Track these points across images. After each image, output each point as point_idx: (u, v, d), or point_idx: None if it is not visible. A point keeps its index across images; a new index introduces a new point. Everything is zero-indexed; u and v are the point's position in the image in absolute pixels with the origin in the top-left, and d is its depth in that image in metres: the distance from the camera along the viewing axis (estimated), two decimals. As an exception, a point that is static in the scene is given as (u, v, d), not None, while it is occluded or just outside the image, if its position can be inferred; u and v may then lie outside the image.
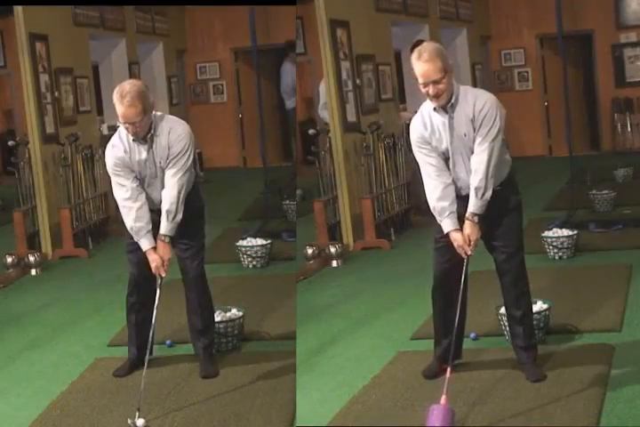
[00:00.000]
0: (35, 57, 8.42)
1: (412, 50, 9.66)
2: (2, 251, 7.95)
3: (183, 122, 4.86)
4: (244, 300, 6.22)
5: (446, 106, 4.41)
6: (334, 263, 7.67)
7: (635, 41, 13.87)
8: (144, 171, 4.76)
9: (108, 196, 9.24)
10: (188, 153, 4.77)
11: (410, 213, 9.05)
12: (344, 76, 8.39)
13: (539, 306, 5.18)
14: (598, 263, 7.11)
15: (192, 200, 4.87)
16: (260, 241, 7.64)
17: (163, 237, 4.72)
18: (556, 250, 7.27)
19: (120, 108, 4.55)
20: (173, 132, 4.74)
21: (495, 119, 4.39)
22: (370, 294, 6.67)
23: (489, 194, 4.42)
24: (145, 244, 4.74)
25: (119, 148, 4.75)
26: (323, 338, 5.61)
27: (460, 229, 4.47)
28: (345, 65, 8.42)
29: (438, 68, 4.33)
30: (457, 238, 4.45)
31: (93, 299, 6.80)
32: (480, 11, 13.58)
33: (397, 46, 10.21)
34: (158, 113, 4.77)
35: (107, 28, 10.99)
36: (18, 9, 8.22)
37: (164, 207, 4.71)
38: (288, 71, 11.17)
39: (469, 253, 4.46)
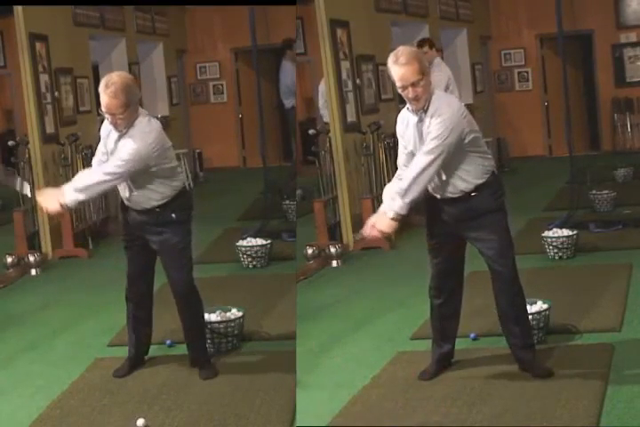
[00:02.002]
0: (35, 57, 8.42)
1: (418, 47, 9.71)
2: (2, 251, 7.95)
3: (147, 134, 4.64)
4: (244, 300, 6.22)
5: (420, 110, 4.43)
6: (334, 263, 7.67)
7: (635, 41, 13.87)
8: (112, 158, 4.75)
9: (108, 196, 9.23)
10: (127, 161, 4.61)
11: (410, 213, 9.03)
12: (344, 76, 8.39)
13: (539, 306, 5.18)
14: (598, 263, 7.10)
15: (159, 212, 4.80)
16: (259, 241, 7.64)
17: (62, 201, 4.69)
18: (556, 250, 7.27)
19: (103, 98, 4.56)
20: (130, 141, 4.61)
21: (441, 134, 4.35)
22: (370, 294, 6.67)
23: (410, 198, 4.45)
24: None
25: (105, 127, 4.80)
26: (323, 338, 5.61)
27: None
28: (345, 65, 8.43)
29: (416, 71, 4.36)
30: (370, 219, 4.58)
31: (93, 299, 6.80)
32: (480, 11, 13.58)
33: (397, 46, 10.19)
34: (142, 115, 4.68)
35: (107, 28, 10.99)
36: (18, 9, 8.22)
37: (82, 179, 4.71)
38: (287, 70, 11.09)
39: (364, 233, 4.57)
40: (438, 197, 4.59)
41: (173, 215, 4.80)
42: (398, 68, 4.37)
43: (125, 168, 4.62)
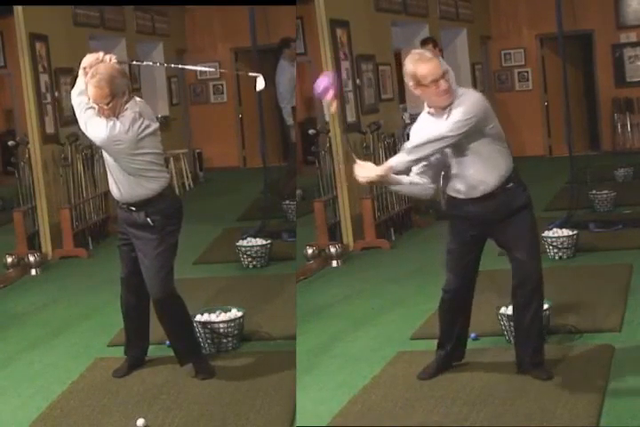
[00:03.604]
0: (35, 57, 8.42)
1: (422, 46, 9.69)
2: (2, 251, 7.94)
3: (121, 128, 4.58)
4: (244, 300, 6.22)
5: (448, 107, 4.42)
6: (334, 263, 7.67)
7: (635, 41, 13.88)
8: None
9: (108, 196, 9.23)
10: (86, 133, 4.69)
11: (410, 213, 9.05)
12: (344, 76, 8.39)
13: (539, 306, 5.18)
14: (598, 263, 7.11)
15: (133, 212, 4.77)
16: (260, 241, 7.63)
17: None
18: (555, 250, 7.27)
19: (89, 88, 4.58)
20: (102, 124, 4.60)
21: (461, 119, 4.34)
22: (370, 294, 6.67)
23: (415, 157, 4.38)
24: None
25: None
26: (323, 338, 5.61)
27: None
28: (345, 65, 8.42)
29: (440, 64, 4.43)
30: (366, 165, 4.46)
31: (93, 299, 6.80)
32: (480, 11, 13.58)
33: (397, 46, 10.21)
34: (131, 110, 4.63)
35: (107, 28, 11.00)
36: (18, 9, 8.21)
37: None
38: (284, 70, 10.92)
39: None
40: (466, 196, 4.51)
41: (148, 219, 4.74)
42: (425, 64, 4.38)
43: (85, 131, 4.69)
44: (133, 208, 4.77)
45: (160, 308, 4.88)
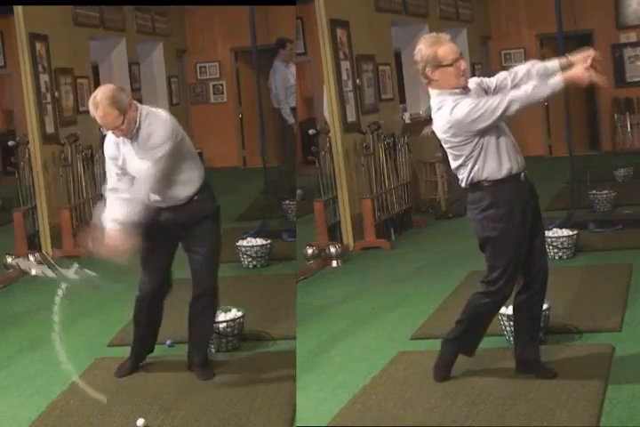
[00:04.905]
0: (35, 57, 8.42)
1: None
2: (2, 251, 7.95)
3: (165, 122, 4.68)
4: (244, 300, 6.22)
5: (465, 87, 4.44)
6: (334, 263, 7.67)
7: (635, 41, 13.88)
8: (131, 167, 4.69)
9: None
10: (162, 146, 4.61)
11: (410, 213, 9.06)
12: (344, 76, 8.39)
13: (539, 306, 5.18)
14: (598, 263, 7.11)
15: (198, 201, 4.82)
16: (260, 241, 7.64)
17: (113, 222, 4.70)
18: (556, 250, 7.27)
19: (97, 119, 4.57)
20: (153, 134, 4.62)
21: None
22: (370, 294, 6.67)
23: None
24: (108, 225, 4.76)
25: (109, 146, 4.78)
26: (323, 338, 5.61)
27: None
28: (345, 65, 8.42)
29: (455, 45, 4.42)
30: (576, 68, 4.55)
31: (93, 299, 6.79)
32: (480, 11, 13.58)
33: (397, 46, 10.21)
34: (145, 109, 4.70)
35: (107, 28, 10.99)
36: (18, 9, 8.22)
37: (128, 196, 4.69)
38: (278, 71, 10.87)
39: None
40: (518, 169, 4.66)
41: (214, 203, 4.85)
42: (445, 45, 4.35)
43: (165, 148, 4.58)
44: (196, 197, 4.77)
45: (207, 302, 4.91)
